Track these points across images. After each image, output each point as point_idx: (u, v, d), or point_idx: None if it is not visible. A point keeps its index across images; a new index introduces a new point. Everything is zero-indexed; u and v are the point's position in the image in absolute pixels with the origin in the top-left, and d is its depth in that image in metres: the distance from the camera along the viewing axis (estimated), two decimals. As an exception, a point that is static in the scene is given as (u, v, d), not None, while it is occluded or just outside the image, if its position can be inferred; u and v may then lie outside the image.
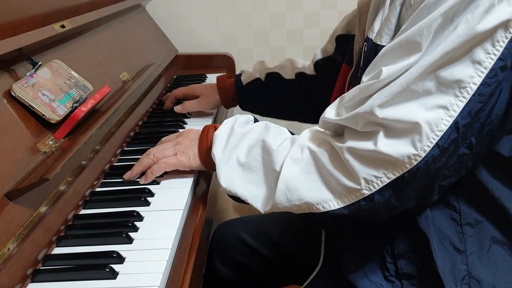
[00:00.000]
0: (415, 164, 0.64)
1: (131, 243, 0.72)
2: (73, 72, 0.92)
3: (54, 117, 0.80)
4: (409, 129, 0.64)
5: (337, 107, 0.75)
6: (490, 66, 0.62)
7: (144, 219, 0.77)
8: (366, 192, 0.68)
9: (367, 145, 0.67)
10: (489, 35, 0.61)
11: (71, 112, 0.84)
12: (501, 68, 0.63)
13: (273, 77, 1.23)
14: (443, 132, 0.63)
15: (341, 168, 0.70)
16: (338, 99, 0.76)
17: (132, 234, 0.73)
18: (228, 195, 0.82)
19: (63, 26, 0.94)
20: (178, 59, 1.68)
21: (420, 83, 0.64)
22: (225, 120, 0.86)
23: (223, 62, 1.70)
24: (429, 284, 0.74)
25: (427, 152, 0.64)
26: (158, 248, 0.70)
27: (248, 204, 0.79)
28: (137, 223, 0.76)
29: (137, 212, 0.78)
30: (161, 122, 1.20)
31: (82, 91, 0.91)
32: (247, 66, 1.41)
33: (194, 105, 1.23)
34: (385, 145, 0.65)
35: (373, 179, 0.67)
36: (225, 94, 1.25)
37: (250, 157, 0.79)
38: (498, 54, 0.62)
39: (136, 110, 1.17)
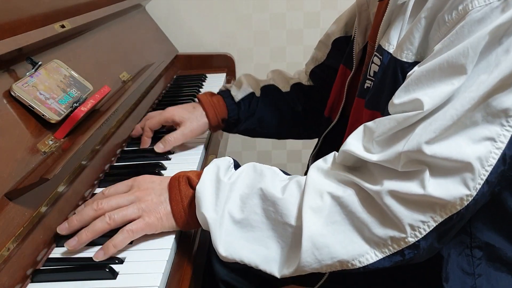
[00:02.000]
0: (466, 204, 0.59)
1: (131, 243, 0.71)
2: (73, 72, 0.92)
3: (54, 117, 0.80)
4: (459, 168, 0.59)
5: (363, 139, 0.67)
6: None
7: (144, 219, 0.77)
8: (412, 240, 0.61)
9: (413, 188, 0.60)
10: None
11: (71, 112, 0.84)
12: None
13: (270, 90, 1.10)
14: (492, 167, 0.59)
15: (377, 214, 0.62)
16: (361, 129, 0.67)
17: (132, 234, 0.73)
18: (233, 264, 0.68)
19: (63, 26, 0.94)
20: (178, 59, 1.68)
21: (471, 115, 0.58)
22: (205, 169, 0.71)
23: (223, 62, 1.70)
24: None
25: (478, 190, 0.59)
26: (158, 248, 0.70)
27: (260, 270, 0.66)
28: (137, 223, 0.76)
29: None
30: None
31: (82, 91, 0.91)
32: (247, 66, 1.41)
33: (178, 137, 1.00)
34: (434, 187, 0.59)
35: (420, 225, 0.60)
36: (215, 114, 1.05)
37: (246, 211, 0.66)
38: None
39: (136, 110, 1.16)
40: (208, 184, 0.69)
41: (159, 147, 0.98)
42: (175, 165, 0.96)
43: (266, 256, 0.66)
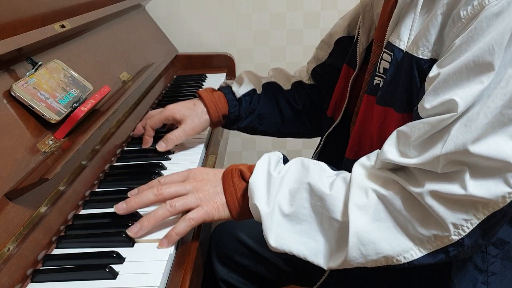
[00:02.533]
0: (509, 201, 0.60)
1: (131, 243, 0.71)
2: (73, 72, 0.92)
3: (54, 117, 0.80)
4: (500, 167, 0.59)
5: (398, 145, 0.67)
6: None
7: (144, 219, 0.77)
8: (455, 238, 0.62)
9: (454, 188, 0.60)
10: None
11: (71, 112, 0.84)
12: None
13: (271, 87, 1.10)
14: None
15: (420, 213, 0.63)
16: (394, 135, 0.68)
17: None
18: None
19: (63, 26, 0.94)
20: (178, 59, 1.68)
21: (506, 112, 0.58)
22: (257, 163, 0.74)
23: (223, 62, 1.70)
24: None
25: None
26: (158, 248, 0.70)
27: (308, 261, 0.69)
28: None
29: (137, 212, 0.78)
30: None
31: (82, 91, 0.91)
32: (247, 66, 1.41)
33: (180, 135, 1.00)
34: (476, 187, 0.60)
35: (463, 223, 0.61)
36: (216, 111, 1.04)
37: (295, 204, 0.69)
38: None
39: (136, 110, 1.16)
40: (260, 178, 0.71)
41: (161, 146, 0.98)
42: (175, 165, 0.96)
43: (314, 249, 0.68)
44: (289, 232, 0.69)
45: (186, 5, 1.75)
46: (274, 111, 1.11)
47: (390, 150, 0.67)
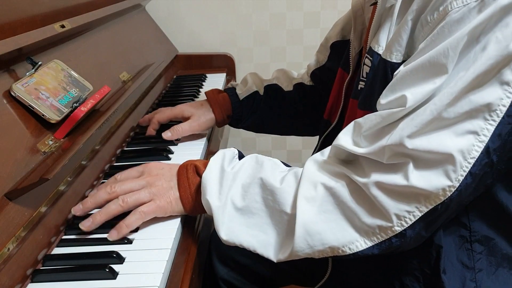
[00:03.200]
0: (449, 195, 0.61)
1: (131, 243, 0.71)
2: (73, 72, 0.92)
3: (54, 117, 0.80)
4: (441, 160, 0.61)
5: (352, 134, 0.70)
6: None
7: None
8: (398, 229, 0.64)
9: (397, 179, 0.63)
10: None
11: (71, 112, 0.84)
12: None
13: (272, 90, 1.15)
14: (475, 159, 0.60)
15: (366, 204, 0.65)
16: (351, 125, 0.71)
17: (132, 234, 0.73)
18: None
19: (63, 26, 0.94)
20: (178, 59, 1.68)
21: (451, 110, 0.60)
22: (211, 159, 0.77)
23: (223, 62, 1.70)
24: None
25: (460, 182, 0.61)
26: (158, 248, 0.70)
27: (258, 254, 0.70)
28: (137, 223, 0.76)
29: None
30: (161, 125, 1.20)
31: (82, 91, 0.91)
32: (247, 66, 1.41)
33: (186, 128, 1.07)
34: (417, 178, 0.62)
35: (406, 215, 0.63)
36: (221, 111, 1.11)
37: (248, 199, 0.71)
38: None
39: (136, 110, 1.16)
40: (214, 173, 0.73)
41: (166, 135, 1.04)
42: (175, 165, 0.96)
43: (264, 241, 0.70)
44: (241, 226, 0.70)
45: (186, 5, 1.75)
46: (275, 112, 1.15)
47: (344, 138, 0.70)
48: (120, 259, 0.67)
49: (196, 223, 0.80)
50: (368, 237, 0.65)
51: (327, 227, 0.66)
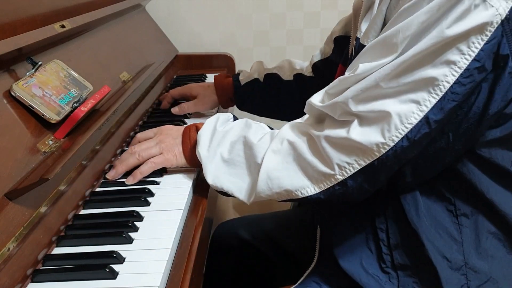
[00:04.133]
0: (384, 152, 0.68)
1: (131, 243, 0.72)
2: (73, 72, 0.92)
3: (54, 117, 0.80)
4: (379, 119, 0.68)
5: (323, 94, 0.79)
6: (464, 66, 0.64)
7: (144, 219, 0.78)
8: (340, 178, 0.72)
9: (341, 133, 0.71)
10: (463, 37, 0.63)
11: (71, 112, 0.84)
12: (478, 69, 0.64)
13: (271, 78, 1.23)
14: (413, 125, 0.66)
15: (318, 155, 0.74)
16: (324, 88, 0.79)
17: (132, 234, 0.73)
18: (216, 190, 0.86)
19: (63, 26, 0.94)
20: (178, 59, 1.68)
21: (394, 80, 0.67)
22: (207, 120, 0.89)
23: (223, 62, 1.70)
24: (424, 274, 0.75)
25: (395, 142, 0.67)
26: (158, 248, 0.70)
27: (234, 197, 0.83)
28: (137, 223, 0.76)
29: (137, 212, 0.78)
30: (161, 122, 1.19)
31: (82, 91, 0.91)
32: (247, 66, 1.41)
33: (191, 106, 1.23)
34: (357, 133, 0.69)
35: (346, 165, 0.71)
36: (223, 94, 1.25)
37: (233, 153, 0.83)
38: (474, 55, 0.64)
39: (136, 110, 1.16)
40: (207, 131, 0.87)
41: (175, 110, 1.21)
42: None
43: (240, 187, 0.82)
44: (225, 174, 0.83)
45: (186, 5, 1.75)
46: (273, 99, 1.24)
47: (316, 96, 0.79)
48: (120, 259, 0.67)
49: (196, 223, 0.80)
50: (316, 184, 0.74)
51: (285, 174, 0.76)
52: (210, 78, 1.59)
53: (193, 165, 0.90)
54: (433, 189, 0.75)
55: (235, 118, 0.92)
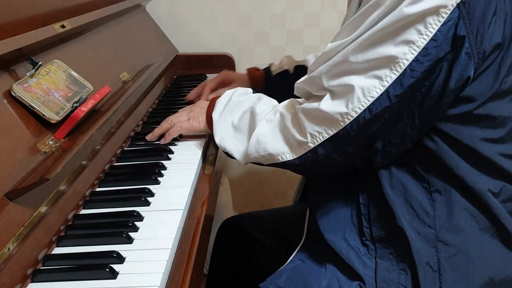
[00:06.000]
0: (348, 122, 0.74)
1: (131, 243, 0.72)
2: (73, 72, 0.93)
3: (54, 117, 0.80)
4: (345, 92, 0.74)
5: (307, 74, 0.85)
6: (422, 45, 0.69)
7: (144, 219, 0.78)
8: (311, 145, 0.79)
9: (314, 105, 0.78)
10: (420, 18, 0.68)
11: (71, 112, 0.84)
12: (435, 48, 0.69)
13: (301, 69, 1.26)
14: (374, 99, 0.72)
15: (297, 126, 0.82)
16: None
17: (132, 234, 0.73)
18: (222, 151, 0.97)
19: (63, 26, 0.94)
20: (178, 59, 1.68)
21: (359, 56, 0.72)
22: (227, 91, 1.01)
23: (223, 62, 1.70)
24: (398, 246, 0.79)
25: (358, 114, 0.73)
26: (158, 248, 0.70)
27: (234, 158, 0.94)
28: (137, 223, 0.76)
29: (137, 212, 0.78)
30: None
31: (82, 91, 0.91)
32: (247, 66, 1.41)
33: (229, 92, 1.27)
34: (326, 104, 0.76)
35: (316, 134, 0.78)
36: (256, 85, 1.33)
37: (241, 121, 0.94)
38: (431, 35, 0.68)
39: (136, 110, 1.16)
40: (223, 99, 0.99)
41: (213, 94, 1.27)
42: (175, 165, 0.96)
43: (239, 150, 0.93)
44: (230, 137, 0.94)
45: (186, 5, 1.75)
46: None
47: (301, 78, 0.85)
48: (120, 259, 0.67)
49: (196, 223, 0.80)
50: (293, 151, 0.82)
51: (271, 140, 0.86)
52: (210, 78, 1.59)
53: (211, 129, 1.00)
54: (407, 166, 0.79)
55: (253, 91, 1.01)
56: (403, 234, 0.78)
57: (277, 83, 1.31)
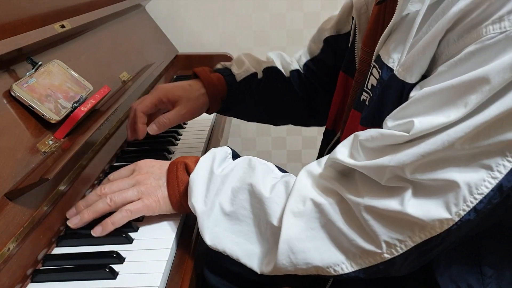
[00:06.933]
0: (446, 228, 0.56)
1: (131, 243, 0.71)
2: (73, 72, 0.92)
3: (54, 117, 0.80)
4: (443, 190, 0.56)
5: (351, 147, 0.64)
6: None
7: (144, 219, 0.77)
8: (388, 256, 0.59)
9: (392, 204, 0.58)
10: None
11: (71, 112, 0.84)
12: None
13: (273, 73, 1.03)
14: (483, 196, 0.55)
15: (356, 226, 0.61)
16: (351, 138, 0.65)
17: (132, 234, 0.73)
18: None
19: (63, 26, 0.94)
20: (178, 59, 1.68)
21: (466, 143, 0.54)
22: (201, 159, 0.73)
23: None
24: None
25: (461, 217, 0.56)
26: (158, 248, 0.70)
27: (241, 263, 0.67)
28: (137, 223, 0.76)
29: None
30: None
31: (82, 91, 0.91)
32: (247, 66, 1.41)
33: (174, 117, 0.93)
34: (414, 206, 0.57)
35: (396, 243, 0.59)
36: (215, 94, 0.97)
37: (236, 204, 0.68)
38: None
39: (136, 110, 1.16)
40: (201, 175, 0.70)
41: (152, 129, 0.93)
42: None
43: (248, 251, 0.67)
44: (226, 232, 0.67)
45: (186, 5, 1.75)
46: (274, 97, 1.05)
47: (342, 150, 0.65)
48: (120, 259, 0.67)
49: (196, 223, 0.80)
50: (354, 260, 0.61)
51: (312, 246, 0.62)
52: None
53: (181, 211, 0.74)
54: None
55: (233, 152, 0.76)
56: None
57: (243, 91, 1.00)
